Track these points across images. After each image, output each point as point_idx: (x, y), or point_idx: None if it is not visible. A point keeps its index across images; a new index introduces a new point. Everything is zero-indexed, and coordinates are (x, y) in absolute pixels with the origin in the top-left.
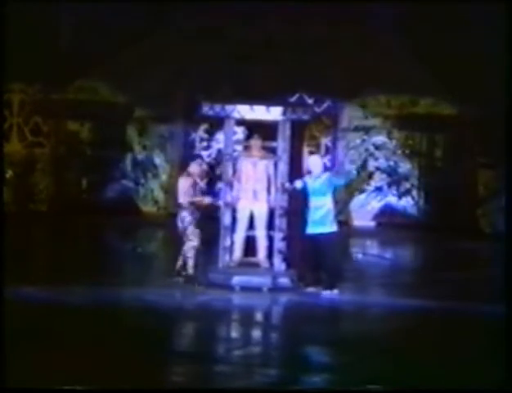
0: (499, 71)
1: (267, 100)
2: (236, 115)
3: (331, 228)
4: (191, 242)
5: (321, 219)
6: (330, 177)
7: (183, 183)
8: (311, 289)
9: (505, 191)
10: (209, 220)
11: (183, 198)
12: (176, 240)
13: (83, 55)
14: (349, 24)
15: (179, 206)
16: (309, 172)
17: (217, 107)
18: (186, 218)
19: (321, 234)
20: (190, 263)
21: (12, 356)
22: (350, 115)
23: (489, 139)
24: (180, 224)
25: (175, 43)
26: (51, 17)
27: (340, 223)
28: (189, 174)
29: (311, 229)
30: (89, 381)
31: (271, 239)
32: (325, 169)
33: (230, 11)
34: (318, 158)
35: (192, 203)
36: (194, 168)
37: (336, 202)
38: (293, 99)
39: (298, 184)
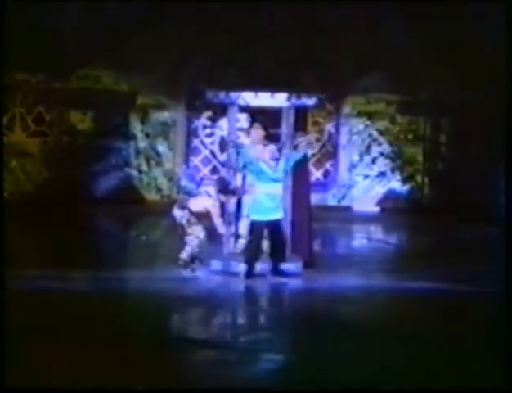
0: (507, 57)
1: (271, 86)
2: (241, 102)
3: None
4: (195, 234)
5: (276, 205)
6: (287, 156)
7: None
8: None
9: (505, 178)
10: None
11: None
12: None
13: (85, 43)
14: (353, 10)
15: (191, 213)
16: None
17: (222, 94)
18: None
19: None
20: (194, 252)
21: (16, 345)
22: (353, 100)
23: (493, 125)
24: (183, 220)
25: (177, 30)
26: (54, 6)
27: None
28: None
29: (267, 216)
30: (93, 367)
31: None
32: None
33: None
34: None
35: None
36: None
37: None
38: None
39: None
